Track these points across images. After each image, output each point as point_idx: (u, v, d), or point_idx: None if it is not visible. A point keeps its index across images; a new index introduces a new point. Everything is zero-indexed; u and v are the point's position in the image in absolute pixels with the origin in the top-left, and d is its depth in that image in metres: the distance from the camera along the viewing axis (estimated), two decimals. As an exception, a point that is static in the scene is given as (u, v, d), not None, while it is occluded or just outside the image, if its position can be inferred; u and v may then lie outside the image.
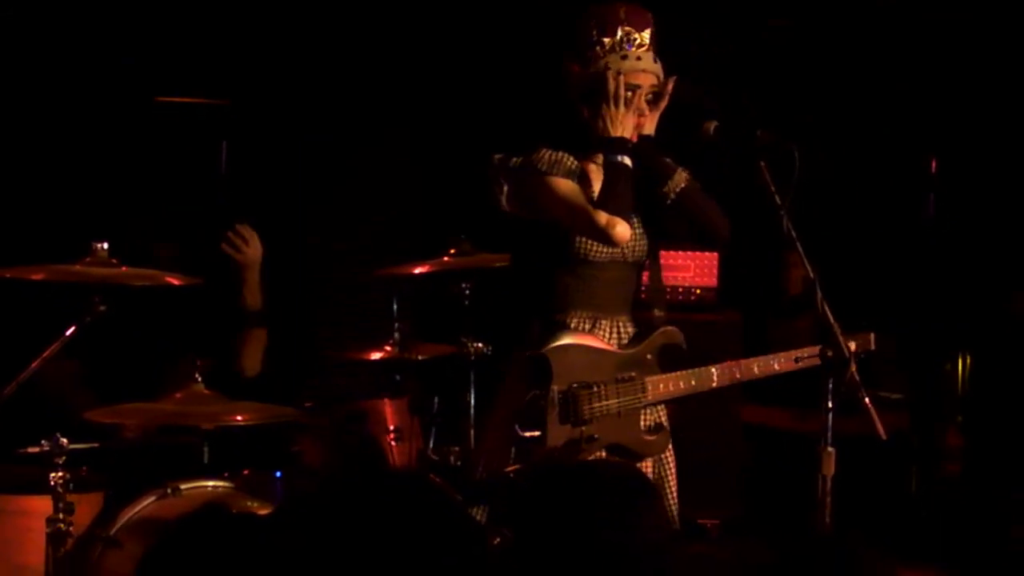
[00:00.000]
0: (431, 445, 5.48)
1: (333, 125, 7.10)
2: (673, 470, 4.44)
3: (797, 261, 4.14)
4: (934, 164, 7.19)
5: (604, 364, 4.26)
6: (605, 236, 4.20)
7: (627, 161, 4.27)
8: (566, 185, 4.26)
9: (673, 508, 4.41)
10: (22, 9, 6.18)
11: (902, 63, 7.38)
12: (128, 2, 6.40)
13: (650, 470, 4.35)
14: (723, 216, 4.42)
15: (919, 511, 6.84)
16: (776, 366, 4.44)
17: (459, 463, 5.21)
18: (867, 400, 3.98)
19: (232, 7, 6.65)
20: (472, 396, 5.44)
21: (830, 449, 3.95)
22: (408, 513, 3.56)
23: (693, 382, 4.37)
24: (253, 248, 5.52)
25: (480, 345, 5.33)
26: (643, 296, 4.47)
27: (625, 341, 4.37)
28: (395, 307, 5.74)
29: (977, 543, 6.43)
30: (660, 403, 4.39)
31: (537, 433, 4.09)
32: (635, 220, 4.36)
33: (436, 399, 5.63)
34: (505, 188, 4.33)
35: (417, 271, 5.43)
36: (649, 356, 4.34)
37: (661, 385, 4.32)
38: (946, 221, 7.17)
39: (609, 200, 4.23)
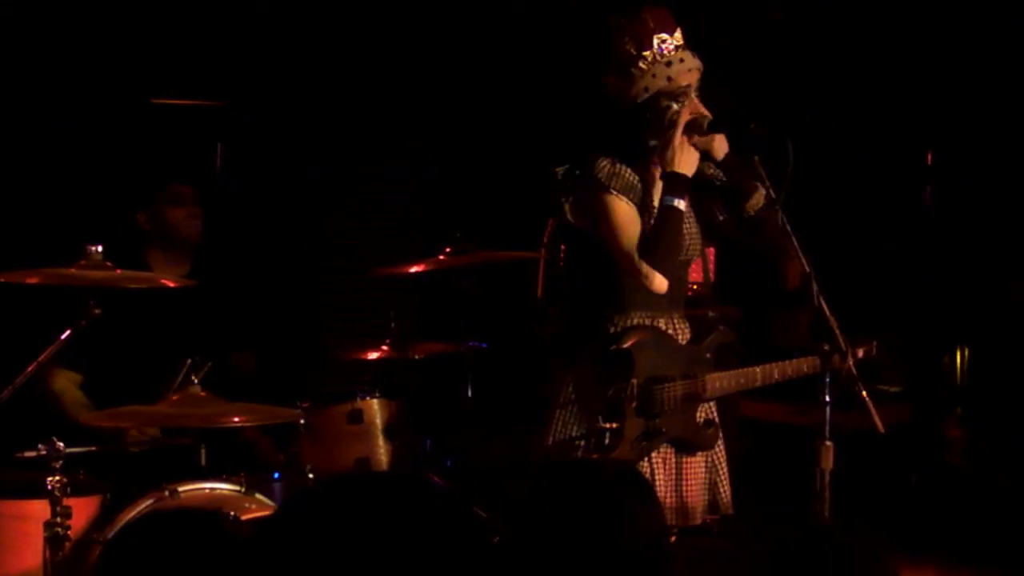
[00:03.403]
0: (429, 444, 5.48)
1: (331, 125, 7.09)
2: (724, 459, 4.61)
3: (794, 254, 4.13)
4: (930, 156, 7.19)
5: (674, 360, 4.43)
6: (641, 284, 4.37)
7: (681, 205, 4.38)
8: (625, 214, 4.38)
9: (728, 495, 4.62)
10: (17, 10, 6.17)
11: (898, 57, 7.37)
12: (122, 3, 6.38)
13: (703, 461, 4.53)
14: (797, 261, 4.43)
15: (920, 503, 6.84)
16: (805, 368, 4.52)
17: (456, 462, 5.25)
18: (864, 394, 4.00)
19: (226, 7, 6.63)
20: (470, 394, 5.45)
21: (828, 443, 3.97)
22: (408, 513, 3.56)
23: (742, 380, 4.54)
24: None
25: (477, 343, 5.33)
26: (691, 292, 4.63)
27: (680, 337, 4.52)
28: (392, 306, 5.74)
29: (978, 534, 6.42)
30: (713, 400, 4.55)
31: (615, 425, 4.28)
32: (691, 217, 4.51)
33: (434, 398, 5.63)
34: (571, 199, 4.46)
35: (414, 270, 5.41)
36: (708, 355, 4.51)
37: (718, 383, 4.48)
38: (943, 213, 7.17)
39: (655, 247, 4.37)
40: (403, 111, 7.26)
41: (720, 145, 4.46)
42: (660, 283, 4.37)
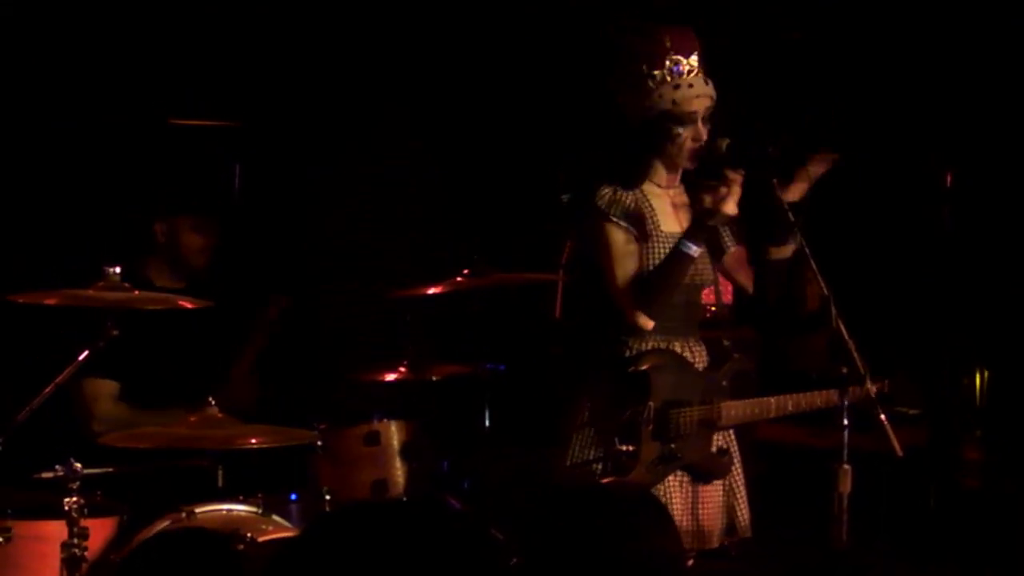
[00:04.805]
0: (446, 466, 5.47)
1: (345, 144, 7.09)
2: (742, 482, 4.62)
3: (812, 277, 4.13)
4: (949, 178, 7.16)
5: (691, 385, 4.45)
6: (629, 321, 4.39)
7: (696, 253, 4.41)
8: (622, 244, 4.39)
9: (746, 518, 4.63)
10: (36, 32, 6.19)
11: (917, 77, 7.35)
12: (141, 25, 6.40)
13: (721, 484, 4.54)
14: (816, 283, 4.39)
15: (938, 526, 6.80)
16: (819, 402, 4.53)
17: (473, 484, 5.26)
18: (883, 417, 3.99)
19: (244, 29, 6.64)
20: (488, 416, 5.44)
21: (846, 466, 3.96)
22: (424, 537, 3.54)
23: (756, 410, 4.54)
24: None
25: (495, 365, 5.33)
26: (708, 316, 4.65)
27: (696, 361, 4.51)
28: (409, 328, 5.73)
29: (996, 557, 6.39)
30: (728, 428, 4.56)
31: (631, 447, 4.28)
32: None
33: (451, 420, 5.62)
34: (578, 227, 4.53)
35: (431, 292, 5.41)
36: (725, 383, 4.52)
37: (733, 411, 4.49)
38: (962, 234, 7.14)
39: (655, 288, 4.40)
40: (403, 111, 7.25)
41: (799, 188, 4.46)
42: (646, 321, 4.40)
